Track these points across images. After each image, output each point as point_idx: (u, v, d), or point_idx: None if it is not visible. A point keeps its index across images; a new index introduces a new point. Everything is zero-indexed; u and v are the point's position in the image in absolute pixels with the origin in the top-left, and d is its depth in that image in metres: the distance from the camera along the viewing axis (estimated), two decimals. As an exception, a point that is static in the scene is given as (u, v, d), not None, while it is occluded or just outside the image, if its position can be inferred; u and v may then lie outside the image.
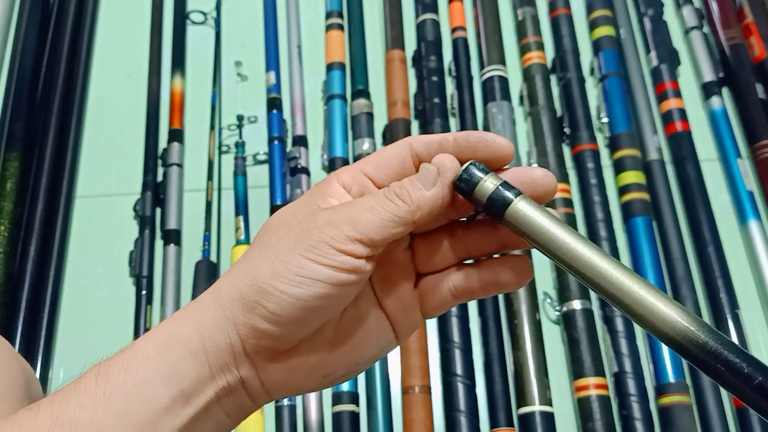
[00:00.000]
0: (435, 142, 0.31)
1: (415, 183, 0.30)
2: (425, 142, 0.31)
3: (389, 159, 0.31)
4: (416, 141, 0.31)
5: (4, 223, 0.61)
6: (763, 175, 0.64)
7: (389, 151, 0.32)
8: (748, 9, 0.71)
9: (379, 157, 0.32)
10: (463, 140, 0.31)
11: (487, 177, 0.30)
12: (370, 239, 0.29)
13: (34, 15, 0.72)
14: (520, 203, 0.29)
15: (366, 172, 0.31)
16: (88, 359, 0.62)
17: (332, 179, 0.31)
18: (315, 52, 0.72)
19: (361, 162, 0.32)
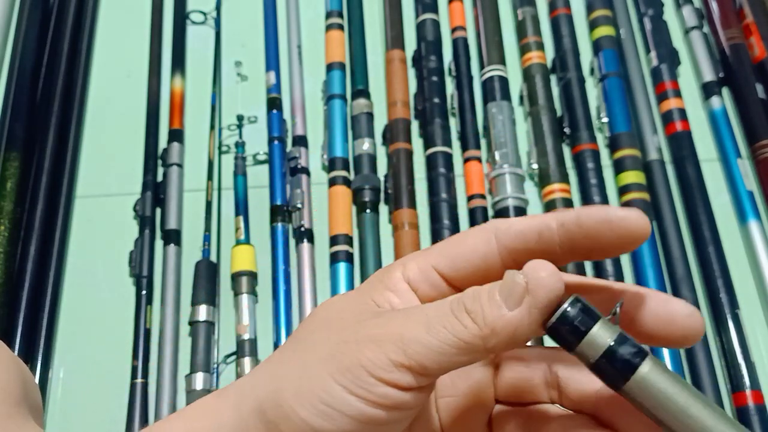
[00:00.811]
0: (532, 232, 0.24)
1: (495, 297, 0.22)
2: (517, 232, 0.24)
3: (467, 255, 0.25)
4: (505, 231, 0.24)
5: (4, 223, 0.61)
6: (763, 175, 0.64)
7: (468, 245, 0.25)
8: (748, 9, 0.71)
9: (454, 251, 0.25)
10: (573, 224, 0.23)
11: (599, 325, 0.22)
12: (423, 367, 0.22)
13: (34, 15, 0.72)
14: (646, 369, 0.22)
15: (438, 268, 0.25)
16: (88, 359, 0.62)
17: (395, 269, 0.25)
18: (315, 52, 0.72)
19: (433, 252, 0.25)
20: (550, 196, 0.62)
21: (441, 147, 0.65)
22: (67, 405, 0.57)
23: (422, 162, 0.66)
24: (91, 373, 0.58)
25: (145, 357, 0.57)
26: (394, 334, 0.22)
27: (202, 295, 0.59)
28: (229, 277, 0.60)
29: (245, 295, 0.59)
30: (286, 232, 0.62)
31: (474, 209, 0.63)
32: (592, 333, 0.22)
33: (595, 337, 0.22)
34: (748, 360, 0.56)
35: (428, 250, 0.26)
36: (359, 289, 0.26)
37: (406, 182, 0.63)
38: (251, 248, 0.61)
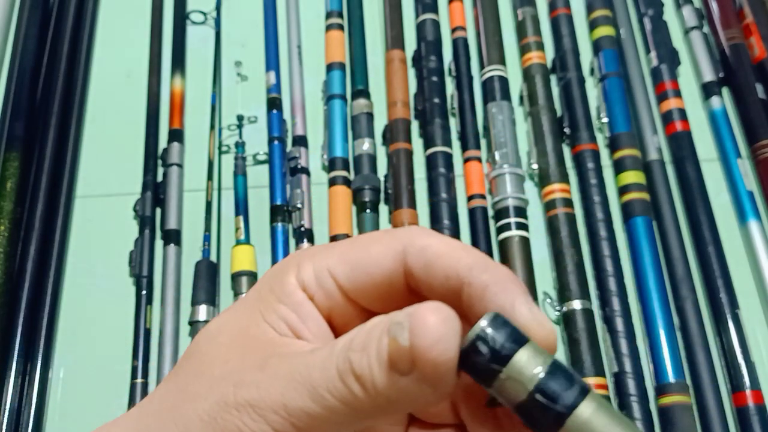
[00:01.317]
0: (442, 272, 0.21)
1: (384, 358, 0.18)
2: (426, 262, 0.21)
3: (369, 268, 0.22)
4: (416, 255, 0.21)
5: (4, 223, 0.61)
6: (763, 175, 0.64)
7: (372, 255, 0.22)
8: (748, 9, 0.71)
9: (356, 257, 0.22)
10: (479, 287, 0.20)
11: (525, 352, 0.18)
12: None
13: (34, 15, 0.72)
14: (588, 413, 0.17)
15: (335, 275, 0.22)
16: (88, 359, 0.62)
17: (289, 273, 0.22)
18: (315, 52, 0.72)
19: (333, 254, 0.22)
20: (550, 196, 0.62)
21: (441, 147, 0.65)
22: (67, 405, 0.57)
23: (422, 162, 0.66)
24: (91, 373, 0.58)
25: (145, 357, 0.57)
26: (275, 402, 0.19)
27: (202, 295, 0.59)
28: (229, 277, 0.60)
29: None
30: (286, 232, 0.62)
31: (474, 209, 0.63)
32: (516, 363, 0.17)
33: (519, 369, 0.17)
34: (748, 360, 0.56)
35: (329, 248, 0.23)
36: (248, 303, 0.23)
37: (406, 182, 0.63)
38: (251, 248, 0.61)
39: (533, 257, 0.60)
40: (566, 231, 0.61)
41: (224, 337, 0.23)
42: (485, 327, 0.18)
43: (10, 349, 0.56)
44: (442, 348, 0.18)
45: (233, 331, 0.23)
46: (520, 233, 0.61)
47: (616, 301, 0.58)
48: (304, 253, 0.23)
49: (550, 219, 0.62)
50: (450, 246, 0.22)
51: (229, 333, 0.23)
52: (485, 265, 0.21)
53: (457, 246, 0.22)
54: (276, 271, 0.23)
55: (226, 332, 0.23)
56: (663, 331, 0.57)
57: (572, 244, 0.60)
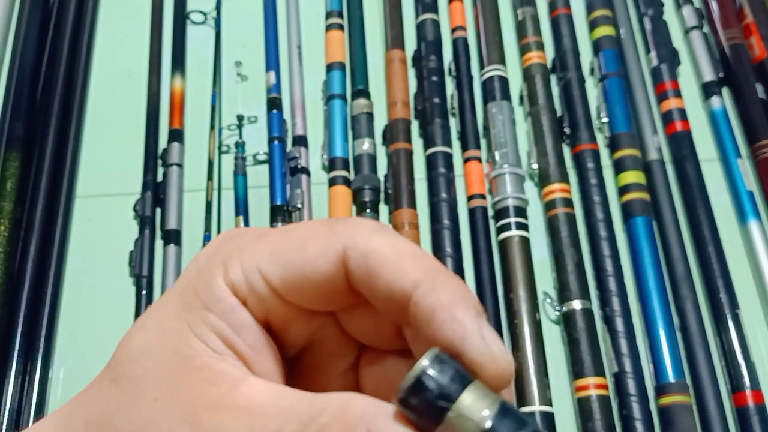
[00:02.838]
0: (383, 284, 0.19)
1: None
2: (369, 270, 0.19)
3: (305, 269, 0.20)
4: (357, 260, 0.19)
5: (4, 223, 0.61)
6: (763, 175, 0.64)
7: (309, 255, 0.20)
8: (748, 9, 0.71)
9: (290, 258, 0.20)
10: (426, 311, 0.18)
11: (470, 393, 0.16)
12: None
13: (34, 15, 0.72)
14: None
15: (267, 275, 0.20)
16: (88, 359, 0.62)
17: (216, 274, 0.20)
18: (315, 52, 0.72)
19: (264, 251, 0.20)
20: (550, 196, 0.62)
21: (441, 147, 0.65)
22: (67, 405, 0.57)
23: (422, 162, 0.66)
24: (91, 373, 0.58)
25: (145, 357, 0.57)
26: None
27: (202, 295, 0.59)
28: (229, 277, 0.60)
29: (245, 295, 0.59)
30: (286, 232, 0.62)
31: (474, 209, 0.63)
32: (460, 406, 0.16)
33: (463, 414, 0.16)
34: (748, 360, 0.56)
35: (257, 241, 0.20)
36: (173, 312, 0.21)
37: (406, 182, 0.63)
38: (251, 248, 0.61)
39: (533, 257, 0.60)
40: (566, 231, 0.61)
41: (150, 361, 0.20)
42: (426, 368, 0.17)
43: (10, 349, 0.56)
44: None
45: (160, 351, 0.20)
46: (520, 233, 0.61)
47: (616, 301, 0.58)
48: (229, 246, 0.21)
49: (550, 219, 0.62)
50: (396, 253, 0.19)
51: (155, 354, 0.20)
52: (433, 282, 0.19)
53: (404, 253, 0.19)
54: (200, 270, 0.21)
55: (153, 353, 0.20)
56: (663, 331, 0.57)
57: (572, 244, 0.60)
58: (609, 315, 0.58)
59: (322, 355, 0.22)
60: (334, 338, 0.22)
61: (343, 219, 0.21)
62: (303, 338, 0.22)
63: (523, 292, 0.59)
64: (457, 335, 0.18)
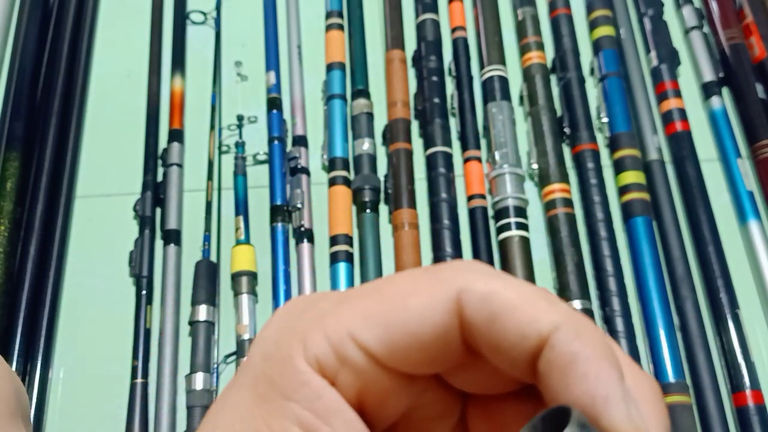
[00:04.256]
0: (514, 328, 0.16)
1: None
2: (492, 314, 0.16)
3: (411, 326, 0.17)
4: (476, 305, 0.17)
5: (4, 223, 0.61)
6: (763, 175, 0.64)
7: (414, 309, 0.17)
8: (748, 9, 0.71)
9: (390, 315, 0.17)
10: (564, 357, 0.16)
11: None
12: None
13: (34, 15, 0.72)
14: None
15: (363, 342, 0.17)
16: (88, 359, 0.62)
17: (294, 355, 0.17)
18: (315, 52, 0.72)
19: (354, 313, 0.17)
20: (550, 196, 0.63)
21: (441, 147, 0.65)
22: (67, 405, 0.57)
23: (422, 162, 0.66)
24: (91, 373, 0.58)
25: (145, 357, 0.57)
26: None
27: (202, 295, 0.59)
28: (229, 277, 0.60)
29: (245, 295, 0.59)
30: (286, 232, 0.62)
31: (474, 209, 0.63)
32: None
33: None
34: (748, 360, 0.56)
35: (343, 306, 0.17)
36: (245, 408, 0.17)
37: (406, 182, 0.63)
38: (251, 248, 0.61)
39: (533, 257, 0.60)
40: (566, 231, 0.61)
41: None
42: (554, 413, 0.16)
43: (10, 349, 0.56)
44: None
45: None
46: (520, 233, 0.61)
47: (616, 301, 0.58)
48: (304, 318, 0.18)
49: (550, 219, 0.62)
50: (525, 295, 0.17)
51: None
52: (576, 328, 0.16)
53: (534, 295, 0.17)
54: (272, 354, 0.17)
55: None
56: (663, 331, 0.57)
57: (572, 244, 0.60)
58: (609, 315, 0.58)
59: (422, 421, 0.19)
60: (437, 400, 0.19)
61: (447, 264, 0.18)
62: (401, 409, 0.19)
63: (523, 292, 0.58)
64: (599, 396, 0.16)
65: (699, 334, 0.57)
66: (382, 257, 0.61)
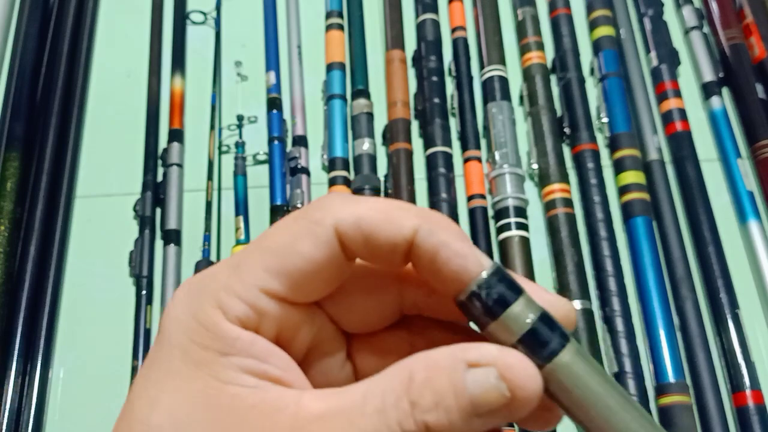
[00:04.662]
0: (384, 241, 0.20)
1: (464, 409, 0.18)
2: (366, 235, 0.20)
3: (306, 268, 0.20)
4: (350, 230, 0.20)
5: (4, 223, 0.61)
6: (763, 175, 0.64)
7: (304, 252, 0.20)
8: (748, 9, 0.71)
9: (286, 262, 0.20)
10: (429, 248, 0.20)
11: (521, 302, 0.19)
12: None
13: (34, 15, 0.72)
14: (567, 358, 0.19)
15: (270, 289, 0.20)
16: (88, 359, 0.62)
17: (213, 316, 0.20)
18: (315, 52, 0.72)
19: (253, 269, 0.20)
20: (550, 196, 0.63)
21: (441, 147, 0.65)
22: (67, 405, 0.57)
23: (422, 162, 0.66)
24: (91, 373, 0.58)
25: (145, 357, 0.57)
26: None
27: (202, 295, 0.59)
28: (229, 277, 0.60)
29: (245, 295, 0.59)
30: (286, 232, 0.62)
31: (474, 209, 0.63)
32: (512, 310, 0.19)
33: (514, 316, 0.19)
34: (748, 360, 0.56)
35: (243, 269, 0.20)
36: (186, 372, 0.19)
37: (406, 182, 0.63)
38: (251, 248, 0.61)
39: (533, 257, 0.61)
40: (566, 231, 0.61)
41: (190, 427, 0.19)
42: (492, 270, 0.20)
43: (10, 349, 0.56)
44: (538, 392, 0.19)
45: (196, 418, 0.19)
46: (520, 233, 0.61)
47: (616, 301, 0.58)
48: (208, 289, 0.20)
49: (550, 219, 0.62)
50: (383, 210, 0.20)
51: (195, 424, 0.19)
52: (429, 225, 0.20)
53: (390, 208, 0.20)
54: (193, 324, 0.20)
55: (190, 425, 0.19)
56: (663, 331, 0.57)
57: (572, 244, 0.60)
58: (609, 315, 0.58)
59: (322, 358, 0.23)
60: (329, 338, 0.23)
61: (311, 205, 0.21)
62: (306, 344, 0.22)
63: (523, 292, 0.58)
64: (461, 267, 0.20)
65: (699, 334, 0.57)
66: (382, 257, 0.61)
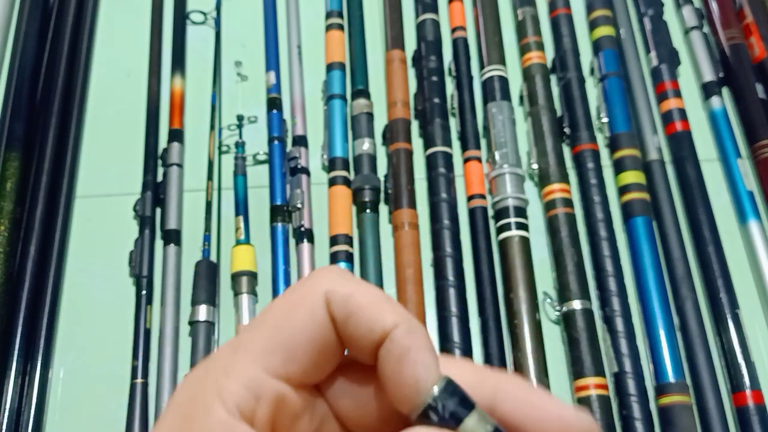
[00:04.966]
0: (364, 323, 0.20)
1: None
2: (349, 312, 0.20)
3: (304, 335, 0.20)
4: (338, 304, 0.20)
5: (4, 223, 0.61)
6: (763, 175, 0.64)
7: (300, 320, 0.20)
8: (748, 9, 0.71)
9: (283, 335, 0.20)
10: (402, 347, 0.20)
11: (473, 418, 0.19)
12: None
13: (34, 15, 0.72)
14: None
15: (272, 367, 0.20)
16: (88, 359, 0.62)
17: (216, 412, 0.19)
18: (315, 52, 0.72)
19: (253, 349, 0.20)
20: (550, 196, 0.63)
21: (441, 147, 0.65)
22: (67, 405, 0.57)
23: (422, 162, 0.66)
24: (91, 373, 0.58)
25: (145, 357, 0.57)
26: None
27: (202, 295, 0.59)
28: (229, 277, 0.60)
29: (245, 295, 0.59)
30: (286, 232, 0.62)
31: (474, 209, 0.63)
32: (464, 429, 0.18)
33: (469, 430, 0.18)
34: (748, 360, 0.56)
35: (244, 350, 0.20)
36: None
37: (406, 182, 0.63)
38: (251, 248, 0.61)
39: (533, 257, 0.61)
40: (566, 231, 0.61)
41: None
42: (436, 393, 0.19)
43: (10, 349, 0.56)
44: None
45: None
46: (520, 233, 0.61)
47: (616, 301, 0.58)
48: (212, 373, 0.20)
49: (550, 219, 0.62)
50: (372, 297, 0.20)
51: None
52: (409, 327, 0.20)
53: (379, 298, 0.21)
54: (192, 411, 0.19)
55: None
56: (663, 331, 0.57)
57: (572, 244, 0.60)
58: (609, 315, 0.58)
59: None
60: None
61: (310, 276, 0.21)
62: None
63: (523, 292, 0.59)
64: (421, 377, 0.20)
65: (699, 334, 0.57)
66: (382, 257, 0.61)
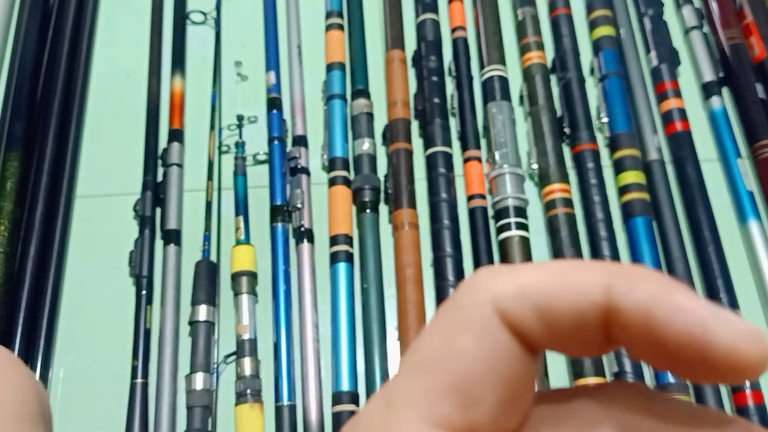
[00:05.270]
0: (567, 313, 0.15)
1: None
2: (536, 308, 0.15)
3: (477, 370, 0.16)
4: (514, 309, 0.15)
5: (4, 223, 0.61)
6: (763, 175, 0.64)
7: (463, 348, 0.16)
8: (748, 9, 0.71)
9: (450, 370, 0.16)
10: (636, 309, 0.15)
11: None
12: None
13: (34, 15, 0.72)
14: None
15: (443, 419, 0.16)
16: (88, 359, 0.62)
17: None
18: (315, 52, 0.72)
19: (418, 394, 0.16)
20: (550, 196, 0.63)
21: (441, 147, 0.65)
22: (67, 405, 0.57)
23: (422, 162, 0.66)
24: (91, 373, 0.58)
25: (145, 357, 0.57)
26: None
27: (202, 295, 0.59)
28: (229, 277, 0.60)
29: (245, 295, 0.59)
30: (286, 232, 0.62)
31: (474, 209, 0.63)
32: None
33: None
34: (748, 360, 0.56)
35: (397, 398, 0.16)
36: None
37: (406, 182, 0.63)
38: (251, 248, 0.61)
39: (533, 257, 0.60)
40: (566, 231, 0.61)
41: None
42: None
43: (10, 349, 0.56)
44: None
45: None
46: (520, 233, 0.61)
47: (616, 301, 0.58)
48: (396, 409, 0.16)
49: (550, 219, 0.62)
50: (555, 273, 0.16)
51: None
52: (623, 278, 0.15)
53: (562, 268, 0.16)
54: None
55: None
56: (663, 331, 0.57)
57: (572, 244, 0.60)
58: (609, 315, 0.57)
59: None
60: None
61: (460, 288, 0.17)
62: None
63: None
64: (694, 325, 0.15)
65: (699, 334, 0.57)
66: (382, 257, 0.61)
